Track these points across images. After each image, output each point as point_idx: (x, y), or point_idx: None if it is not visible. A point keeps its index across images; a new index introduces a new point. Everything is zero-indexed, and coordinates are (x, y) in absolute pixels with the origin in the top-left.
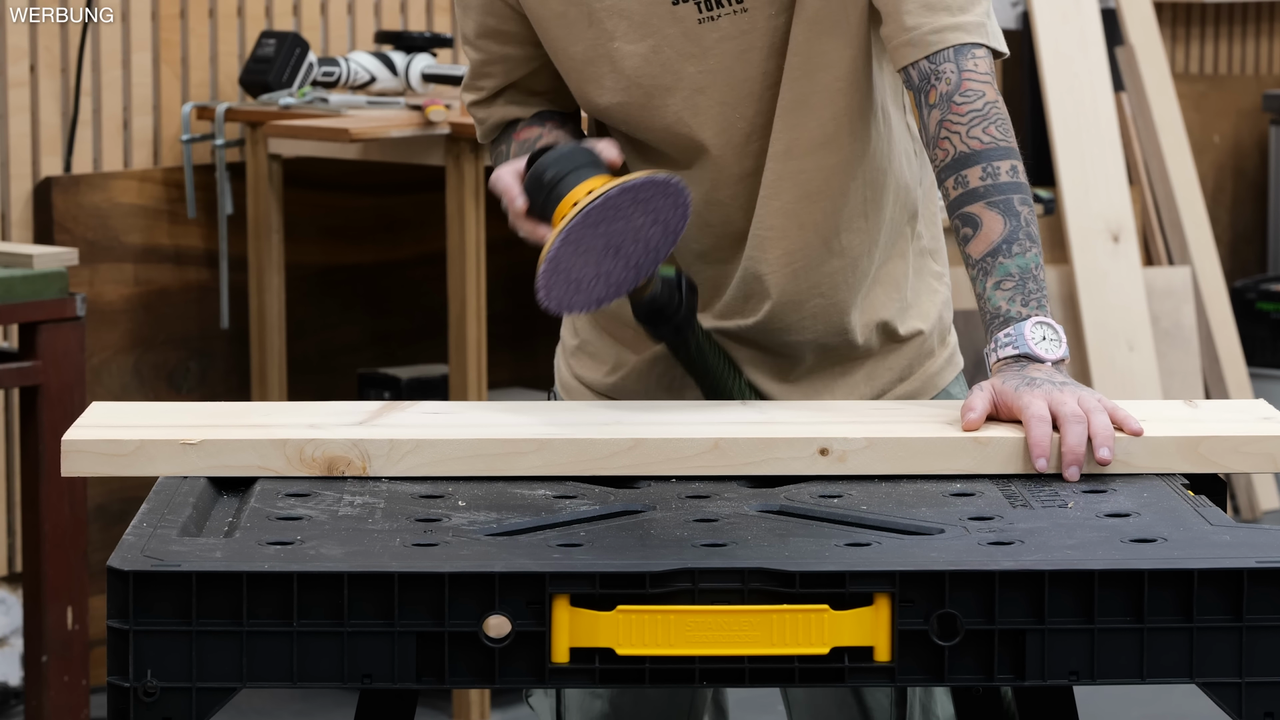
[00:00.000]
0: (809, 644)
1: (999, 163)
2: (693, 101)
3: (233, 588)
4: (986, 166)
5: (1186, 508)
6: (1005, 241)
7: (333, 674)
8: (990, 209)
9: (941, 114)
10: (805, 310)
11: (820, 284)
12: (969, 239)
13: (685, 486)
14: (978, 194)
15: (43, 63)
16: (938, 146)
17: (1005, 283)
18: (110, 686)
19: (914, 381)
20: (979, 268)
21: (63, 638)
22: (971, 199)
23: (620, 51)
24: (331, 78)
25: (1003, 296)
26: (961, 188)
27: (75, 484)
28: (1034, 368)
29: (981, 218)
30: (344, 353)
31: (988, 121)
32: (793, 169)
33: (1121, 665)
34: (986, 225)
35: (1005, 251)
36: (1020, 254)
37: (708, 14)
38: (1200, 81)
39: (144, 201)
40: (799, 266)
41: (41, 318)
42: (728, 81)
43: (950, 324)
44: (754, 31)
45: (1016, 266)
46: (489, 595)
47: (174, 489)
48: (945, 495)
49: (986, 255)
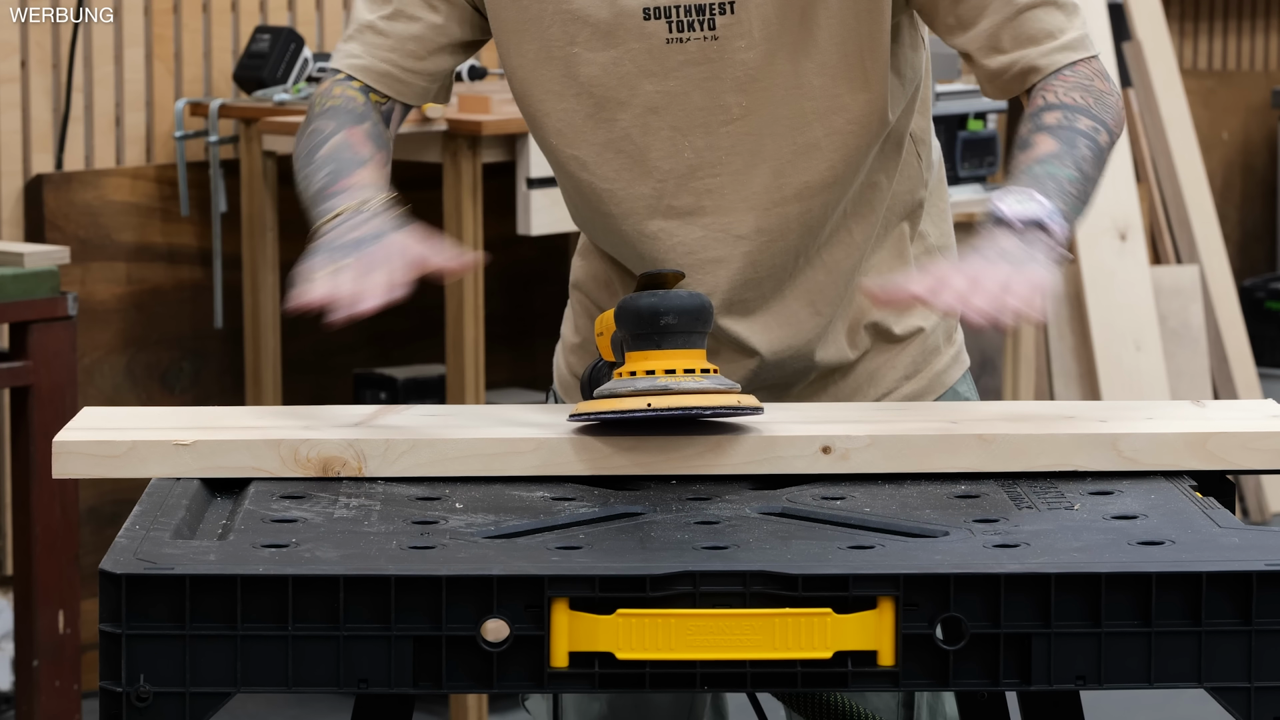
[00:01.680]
0: (812, 648)
1: (1082, 116)
2: (643, 120)
3: (227, 591)
4: (1068, 114)
5: (1194, 510)
6: (1049, 156)
7: (328, 679)
8: (1051, 136)
9: (1047, 80)
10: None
11: (818, 308)
12: (1015, 157)
13: (686, 488)
14: (1047, 127)
15: (34, 58)
16: (1030, 103)
17: (1023, 177)
18: (102, 691)
19: (919, 380)
20: (1010, 176)
21: (54, 642)
22: (1039, 130)
23: (579, 58)
24: (326, 74)
25: (1011, 184)
26: (1034, 123)
27: (67, 486)
28: (1004, 236)
29: (1039, 142)
30: (339, 353)
31: (1088, 92)
32: (800, 210)
33: (1129, 670)
34: (1039, 146)
35: (1041, 162)
36: (1057, 166)
37: (677, 35)
38: (1209, 77)
39: (136, 199)
40: (749, 297)
41: (32, 317)
42: (684, 107)
43: (956, 323)
44: (720, 61)
45: (1044, 170)
46: (487, 599)
47: (167, 491)
48: (950, 497)
49: (1024, 166)
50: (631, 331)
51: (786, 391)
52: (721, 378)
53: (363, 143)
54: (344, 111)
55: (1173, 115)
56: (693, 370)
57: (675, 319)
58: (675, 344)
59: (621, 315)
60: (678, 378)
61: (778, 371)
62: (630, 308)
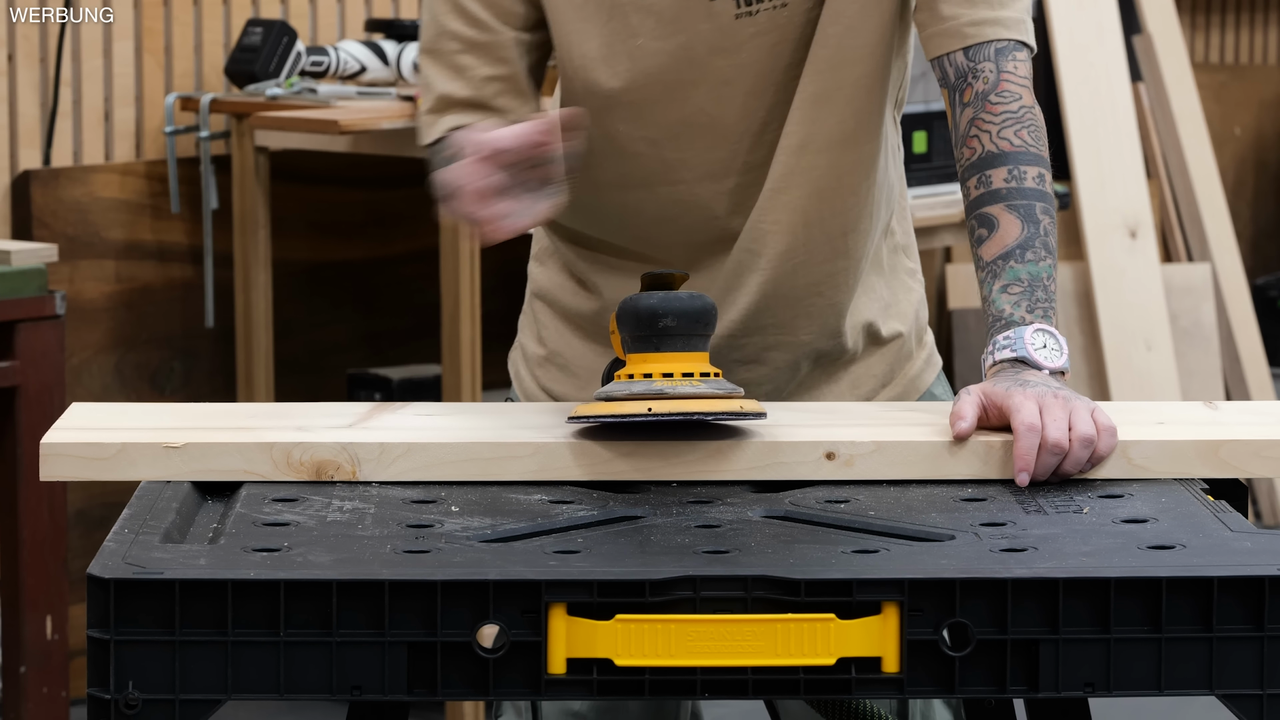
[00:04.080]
0: (815, 654)
1: (1026, 167)
2: (717, 93)
3: (217, 596)
4: (1013, 169)
5: (1206, 513)
6: (1020, 247)
7: (321, 685)
8: (1010, 212)
9: (975, 112)
10: (800, 309)
11: (821, 283)
12: (983, 240)
13: (686, 491)
14: (999, 195)
15: (21, 52)
16: (965, 144)
17: (1013, 287)
18: (90, 699)
19: (896, 386)
20: (989, 270)
21: (42, 648)
22: (992, 200)
23: (644, 49)
24: (320, 67)
25: (1008, 300)
26: (984, 187)
27: (54, 489)
28: (1030, 373)
29: (999, 220)
30: (333, 352)
31: (1020, 125)
32: (806, 164)
33: (1138, 676)
34: (1003, 228)
35: (1018, 257)
36: (1033, 261)
37: (745, 9)
38: (1221, 71)
39: (126, 196)
40: (798, 263)
41: (19, 316)
42: (756, 73)
43: (926, 323)
44: (789, 25)
45: (1027, 273)
46: (483, 604)
47: (156, 494)
48: (956, 500)
49: (998, 258)
50: (632, 333)
51: (788, 382)
52: (723, 381)
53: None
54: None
55: (1184, 110)
56: (692, 374)
57: (675, 321)
58: (675, 347)
59: (622, 316)
60: (676, 382)
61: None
62: (630, 309)
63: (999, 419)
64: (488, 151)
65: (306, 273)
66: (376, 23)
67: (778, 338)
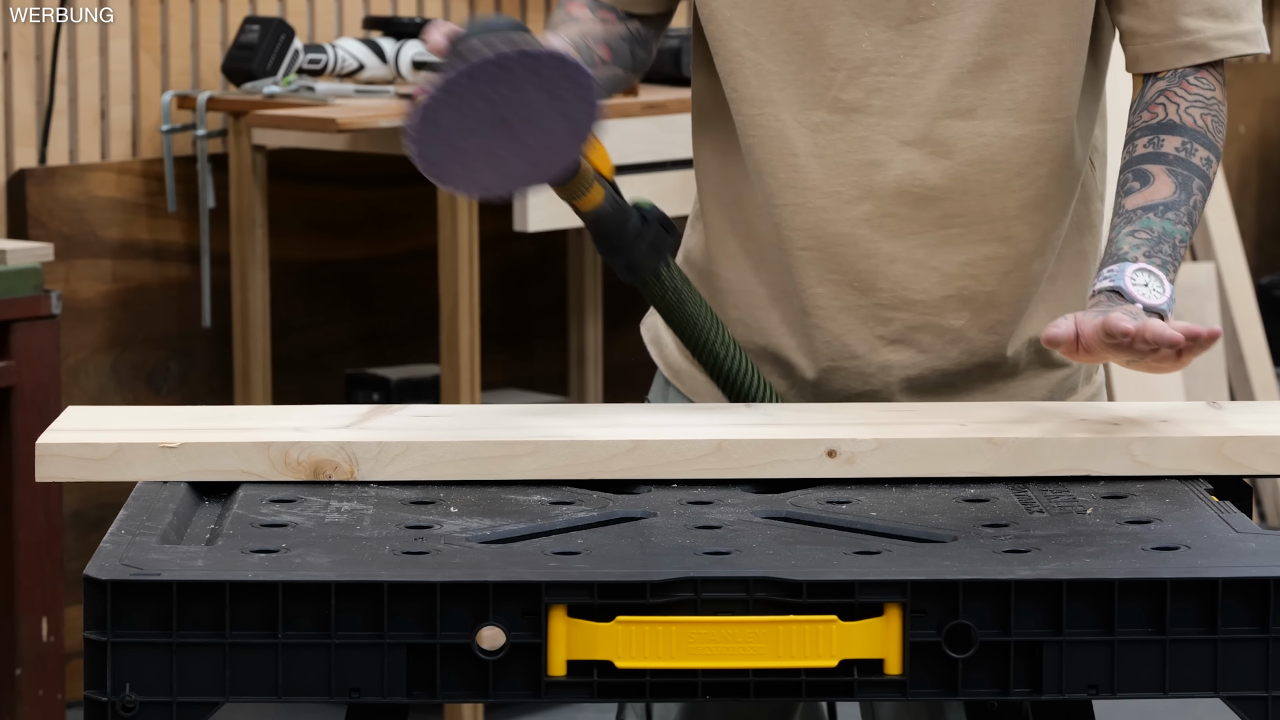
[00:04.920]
0: (816, 656)
1: (1200, 146)
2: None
3: (215, 598)
4: (1187, 142)
5: (1210, 514)
6: (1165, 205)
7: (319, 688)
8: (1169, 175)
9: (1169, 84)
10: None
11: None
12: (1132, 191)
13: (687, 491)
14: (1165, 158)
15: (16, 50)
16: (1148, 109)
17: (1141, 233)
18: (87, 701)
19: None
20: (1125, 217)
21: (37, 650)
22: (1156, 160)
23: None
24: (318, 65)
25: (1130, 242)
26: (1153, 147)
27: (50, 490)
28: (1124, 306)
29: (1155, 177)
30: (331, 352)
31: (1208, 111)
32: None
33: (1142, 678)
34: (1156, 184)
35: (1159, 212)
36: (1173, 221)
37: None
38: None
39: (122, 194)
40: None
41: (15, 316)
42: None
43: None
44: None
45: (1161, 227)
46: (482, 605)
47: (153, 495)
48: (958, 501)
49: (1139, 208)
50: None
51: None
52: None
53: (597, 44)
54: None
55: None
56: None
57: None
58: None
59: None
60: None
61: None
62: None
63: (1090, 338)
64: None
65: (304, 272)
66: (375, 20)
67: (925, 317)
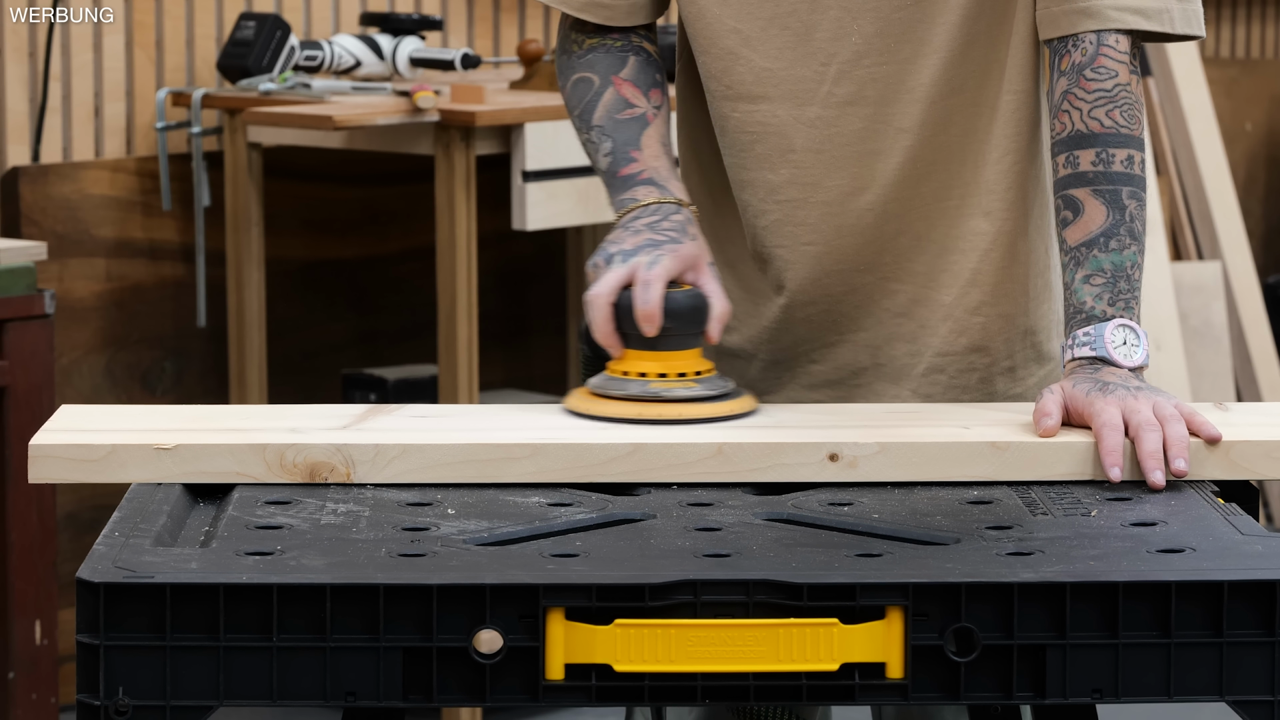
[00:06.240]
0: (817, 660)
1: (1115, 150)
2: None
3: (209, 600)
4: (1101, 152)
5: (1216, 516)
6: (1104, 234)
7: (315, 692)
8: (1095, 197)
9: (1069, 84)
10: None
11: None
12: (1068, 223)
13: (687, 493)
14: (1085, 178)
15: (9, 46)
16: (1057, 118)
17: (1095, 278)
18: (80, 705)
19: None
20: (1072, 256)
21: (30, 653)
22: (1078, 182)
23: None
24: (314, 62)
25: (1090, 292)
26: (1071, 168)
27: (44, 491)
28: (1108, 371)
29: (1084, 204)
30: (327, 352)
31: (1113, 104)
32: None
33: (1147, 682)
34: (1088, 213)
35: (1102, 245)
36: (1117, 250)
37: None
38: (1231, 66)
39: (116, 193)
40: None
41: (8, 315)
42: None
43: None
44: None
45: (1110, 262)
46: (479, 609)
47: (147, 496)
48: (961, 503)
49: (1082, 244)
50: (628, 329)
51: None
52: (716, 379)
53: (634, 93)
54: (603, 53)
55: (1194, 105)
56: (685, 374)
57: (672, 322)
58: (670, 346)
59: (620, 311)
60: (670, 383)
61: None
62: (627, 305)
63: (1079, 421)
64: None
65: (300, 271)
66: (371, 16)
67: (924, 290)
